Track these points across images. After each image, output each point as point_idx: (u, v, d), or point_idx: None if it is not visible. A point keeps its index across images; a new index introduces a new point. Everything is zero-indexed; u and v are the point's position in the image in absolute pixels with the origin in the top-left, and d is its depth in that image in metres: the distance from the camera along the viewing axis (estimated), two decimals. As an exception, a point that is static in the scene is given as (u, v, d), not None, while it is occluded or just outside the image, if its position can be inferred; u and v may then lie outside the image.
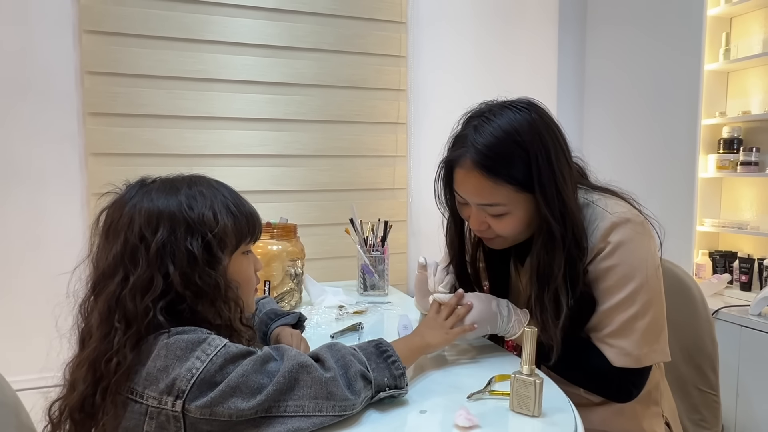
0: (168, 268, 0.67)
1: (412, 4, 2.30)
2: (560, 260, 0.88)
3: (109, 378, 0.64)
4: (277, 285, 1.37)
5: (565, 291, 0.89)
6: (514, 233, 0.93)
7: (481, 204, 0.91)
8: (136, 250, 0.68)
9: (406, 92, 2.32)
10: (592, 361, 0.91)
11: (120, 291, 0.67)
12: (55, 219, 1.86)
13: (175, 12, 1.95)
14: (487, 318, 0.95)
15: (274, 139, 2.12)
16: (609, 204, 0.92)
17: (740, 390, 1.74)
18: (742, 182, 2.13)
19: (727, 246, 2.17)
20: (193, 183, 0.74)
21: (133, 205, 0.70)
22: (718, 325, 1.75)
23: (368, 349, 0.80)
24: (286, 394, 0.66)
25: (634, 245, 0.89)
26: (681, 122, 2.20)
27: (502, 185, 0.87)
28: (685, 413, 1.19)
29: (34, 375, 0.82)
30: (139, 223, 0.69)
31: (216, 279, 0.71)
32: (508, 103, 0.91)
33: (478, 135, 0.88)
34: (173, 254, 0.68)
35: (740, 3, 2.00)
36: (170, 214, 0.69)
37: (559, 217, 0.87)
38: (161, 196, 0.71)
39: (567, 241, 0.88)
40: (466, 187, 0.92)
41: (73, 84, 1.85)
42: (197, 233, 0.70)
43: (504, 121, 0.87)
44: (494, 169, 0.86)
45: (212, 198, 0.73)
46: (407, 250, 2.37)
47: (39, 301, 1.71)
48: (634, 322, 0.89)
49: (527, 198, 0.89)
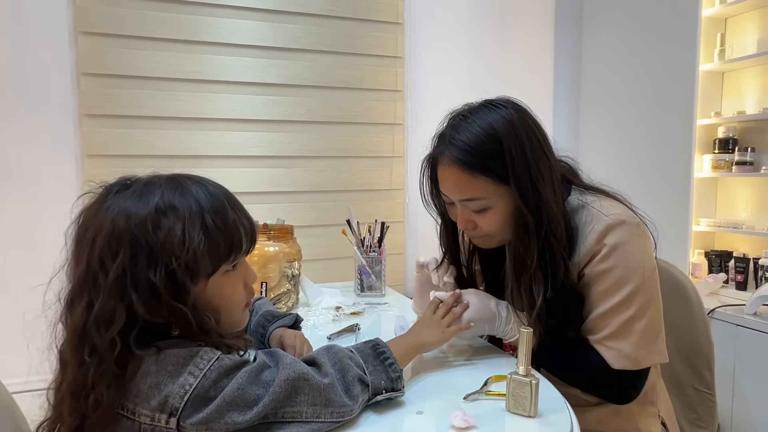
0: (131, 298, 0.60)
1: (409, 6, 2.30)
2: (533, 251, 0.89)
3: (91, 415, 0.60)
4: (274, 286, 1.37)
5: (542, 283, 0.90)
6: (498, 230, 0.94)
7: (463, 200, 0.93)
8: (97, 275, 0.61)
9: (403, 93, 2.32)
10: (589, 363, 0.92)
11: (85, 320, 0.60)
12: (51, 221, 1.85)
13: (170, 13, 1.95)
14: (486, 317, 0.95)
15: (271, 140, 2.12)
16: (604, 206, 0.93)
17: (736, 389, 1.74)
18: (737, 182, 2.13)
19: (723, 245, 2.18)
20: (170, 189, 0.65)
21: (101, 217, 0.63)
22: (714, 324, 1.75)
23: (365, 350, 0.79)
24: (283, 402, 0.65)
25: (630, 247, 0.89)
26: (676, 122, 2.21)
27: (479, 178, 0.89)
28: (682, 413, 1.19)
29: (30, 377, 0.82)
30: (99, 246, 0.61)
31: (183, 311, 0.62)
32: (488, 102, 0.94)
33: (455, 132, 0.91)
34: (134, 283, 0.60)
35: (735, 4, 2.01)
36: (131, 236, 0.61)
37: (534, 208, 0.89)
38: (131, 207, 0.63)
39: (542, 232, 0.89)
40: (447, 184, 0.94)
41: (68, 85, 1.85)
42: (160, 261, 0.61)
43: (481, 117, 0.90)
44: (471, 163, 0.89)
45: (186, 213, 0.63)
46: (404, 250, 2.37)
47: (35, 303, 1.71)
48: (631, 324, 0.89)
49: (506, 191, 0.90)
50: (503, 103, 0.92)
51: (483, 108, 0.93)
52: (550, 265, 0.90)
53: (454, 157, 0.90)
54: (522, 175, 0.88)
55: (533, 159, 0.89)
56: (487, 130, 0.88)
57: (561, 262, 0.90)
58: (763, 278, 1.91)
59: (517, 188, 0.88)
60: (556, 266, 0.90)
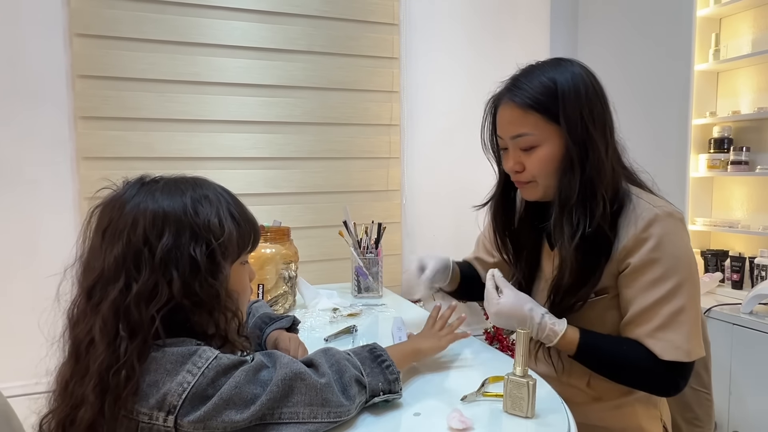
0: (172, 275, 0.64)
1: (405, 6, 2.30)
2: (575, 184, 0.92)
3: (119, 391, 0.61)
4: (271, 288, 1.36)
5: (583, 216, 0.92)
6: (543, 171, 0.96)
7: (514, 136, 0.96)
8: (140, 254, 0.64)
9: (399, 94, 2.32)
10: (635, 355, 0.91)
11: (124, 298, 0.63)
12: (47, 223, 1.84)
13: (166, 15, 1.94)
14: (516, 315, 0.93)
15: (267, 141, 2.12)
16: (651, 198, 0.96)
17: (733, 388, 1.75)
18: (732, 181, 2.14)
19: (719, 245, 2.18)
20: (198, 186, 0.71)
21: (135, 204, 0.66)
22: (710, 323, 1.76)
23: (362, 353, 0.79)
24: (281, 402, 0.65)
25: (677, 239, 0.91)
26: (671, 122, 2.21)
27: (531, 114, 0.93)
28: (678, 412, 1.19)
29: (26, 381, 0.81)
30: (143, 225, 0.65)
31: (217, 289, 0.67)
32: (557, 58, 1.00)
33: (519, 77, 0.97)
34: (177, 261, 0.65)
35: (729, 4, 2.02)
36: (176, 217, 0.66)
37: (580, 144, 0.92)
38: (165, 198, 0.67)
39: (587, 169, 0.92)
40: (501, 122, 0.98)
41: (63, 87, 1.85)
42: (202, 240, 0.66)
43: (546, 69, 0.96)
44: (523, 97, 0.93)
45: (218, 203, 0.70)
46: (401, 251, 2.37)
47: (30, 306, 1.70)
48: (681, 315, 0.89)
49: (556, 132, 0.93)
50: (571, 61, 0.98)
51: (551, 61, 0.98)
52: (590, 204, 0.92)
53: (511, 94, 0.95)
54: (572, 114, 0.91)
55: (587, 102, 0.93)
56: (549, 77, 0.94)
57: (601, 203, 0.92)
58: (759, 277, 1.91)
59: (567, 123, 0.91)
60: (596, 207, 0.92)
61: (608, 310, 0.97)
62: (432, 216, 2.43)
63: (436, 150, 2.42)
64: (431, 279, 1.13)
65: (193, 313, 0.67)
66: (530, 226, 1.08)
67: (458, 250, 1.31)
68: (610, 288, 0.96)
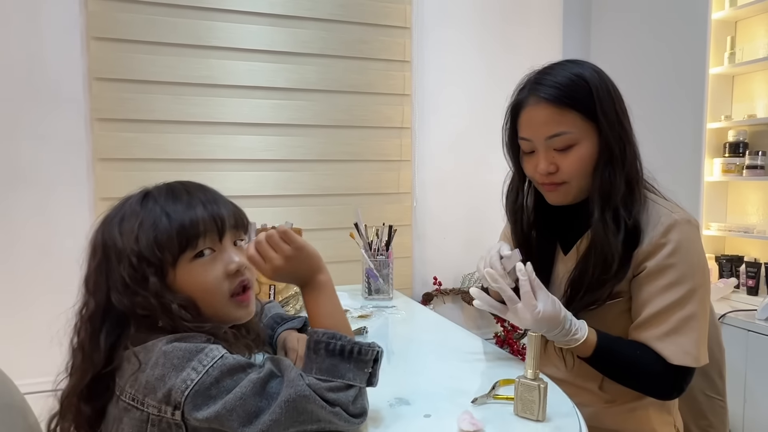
0: (108, 292, 0.69)
1: (417, 10, 2.31)
2: (617, 180, 0.92)
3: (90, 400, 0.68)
4: (282, 289, 1.37)
5: (625, 211, 0.92)
6: (579, 172, 0.94)
7: (550, 136, 0.93)
8: (89, 275, 0.71)
9: (411, 97, 2.33)
10: (644, 359, 0.90)
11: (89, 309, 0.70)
12: (63, 224, 1.87)
13: (181, 19, 1.97)
14: (553, 320, 0.89)
15: (280, 143, 2.14)
16: (668, 204, 0.96)
17: (747, 395, 1.72)
18: (748, 186, 2.12)
19: (734, 250, 2.16)
20: (137, 195, 0.73)
21: (98, 230, 0.73)
22: (725, 329, 1.74)
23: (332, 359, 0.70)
24: (285, 424, 0.63)
25: (693, 246, 0.91)
26: (686, 126, 2.19)
27: (568, 112, 0.91)
28: (692, 419, 1.18)
29: (42, 378, 0.83)
30: (89, 249, 0.72)
31: (149, 299, 0.68)
32: (569, 59, 0.99)
33: (542, 77, 0.95)
34: (108, 279, 0.69)
35: (745, 6, 2.00)
36: (103, 241, 0.71)
37: (618, 139, 0.92)
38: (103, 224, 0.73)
39: (627, 163, 0.93)
40: (532, 123, 0.94)
41: (80, 90, 1.88)
42: (123, 257, 0.69)
43: (565, 68, 0.95)
44: (560, 97, 0.91)
45: (143, 214, 0.70)
46: (412, 254, 2.37)
47: (47, 305, 1.73)
48: (691, 320, 0.89)
49: (592, 130, 0.92)
50: (585, 62, 0.97)
51: (568, 61, 0.97)
52: (629, 199, 0.93)
53: (543, 93, 0.92)
54: (609, 111, 0.92)
55: (616, 98, 0.93)
56: (575, 73, 0.93)
57: (638, 198, 0.93)
58: (774, 283, 1.89)
59: (605, 119, 0.91)
60: (633, 202, 0.93)
61: (621, 314, 0.96)
62: (443, 218, 2.43)
63: (448, 153, 2.42)
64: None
65: (148, 318, 0.69)
66: (541, 232, 1.06)
67: (469, 252, 1.30)
68: (624, 292, 0.95)
